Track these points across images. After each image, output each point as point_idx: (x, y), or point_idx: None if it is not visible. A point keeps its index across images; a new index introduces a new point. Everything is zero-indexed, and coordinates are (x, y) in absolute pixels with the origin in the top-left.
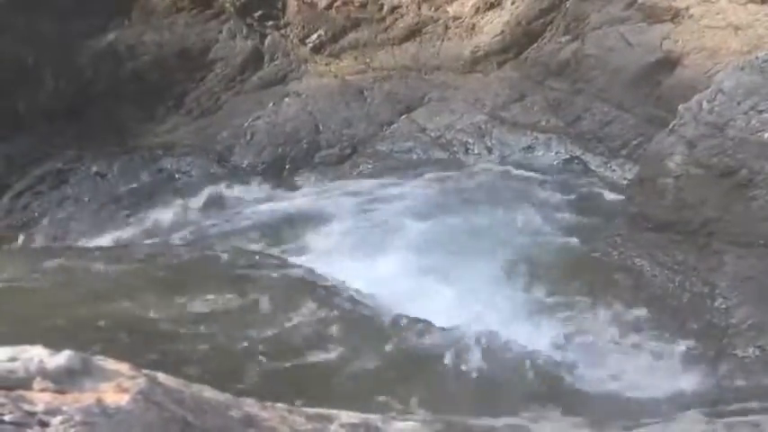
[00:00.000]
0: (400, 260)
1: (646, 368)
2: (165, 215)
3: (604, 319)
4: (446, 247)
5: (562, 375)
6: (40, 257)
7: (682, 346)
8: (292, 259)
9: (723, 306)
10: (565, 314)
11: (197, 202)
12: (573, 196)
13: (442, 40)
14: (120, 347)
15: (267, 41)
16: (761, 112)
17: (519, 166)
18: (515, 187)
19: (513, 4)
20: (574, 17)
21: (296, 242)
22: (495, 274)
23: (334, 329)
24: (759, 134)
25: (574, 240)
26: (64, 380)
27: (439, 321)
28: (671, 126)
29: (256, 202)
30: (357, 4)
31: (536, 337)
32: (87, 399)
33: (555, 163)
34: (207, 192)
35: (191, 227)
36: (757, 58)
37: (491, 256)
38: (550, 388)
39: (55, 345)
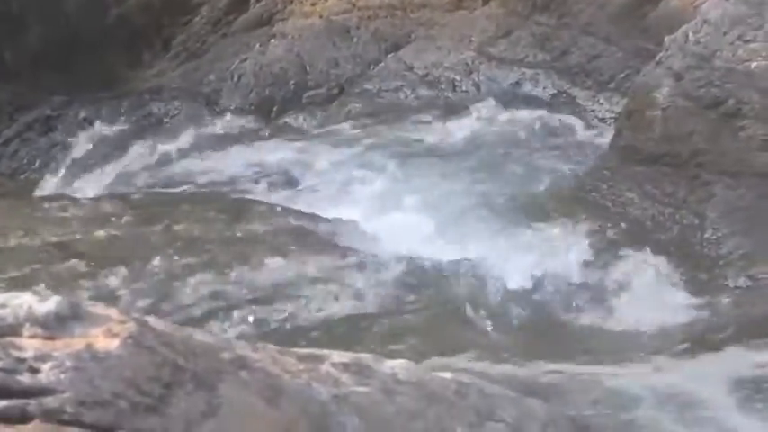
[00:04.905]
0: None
1: (635, 301)
2: (154, 160)
3: (593, 252)
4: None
5: (549, 310)
6: (30, 205)
7: (672, 278)
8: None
9: (713, 237)
10: (552, 248)
11: (186, 145)
12: (561, 131)
13: None
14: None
15: None
16: (747, 41)
17: (507, 102)
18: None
19: None
20: None
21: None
22: (480, 208)
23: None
24: (746, 64)
25: (563, 175)
26: (53, 326)
27: (423, 253)
28: (657, 58)
29: (245, 144)
30: None
31: (523, 271)
32: (77, 344)
33: (543, 98)
34: (195, 135)
35: (181, 171)
36: None
37: (476, 192)
38: (537, 323)
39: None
